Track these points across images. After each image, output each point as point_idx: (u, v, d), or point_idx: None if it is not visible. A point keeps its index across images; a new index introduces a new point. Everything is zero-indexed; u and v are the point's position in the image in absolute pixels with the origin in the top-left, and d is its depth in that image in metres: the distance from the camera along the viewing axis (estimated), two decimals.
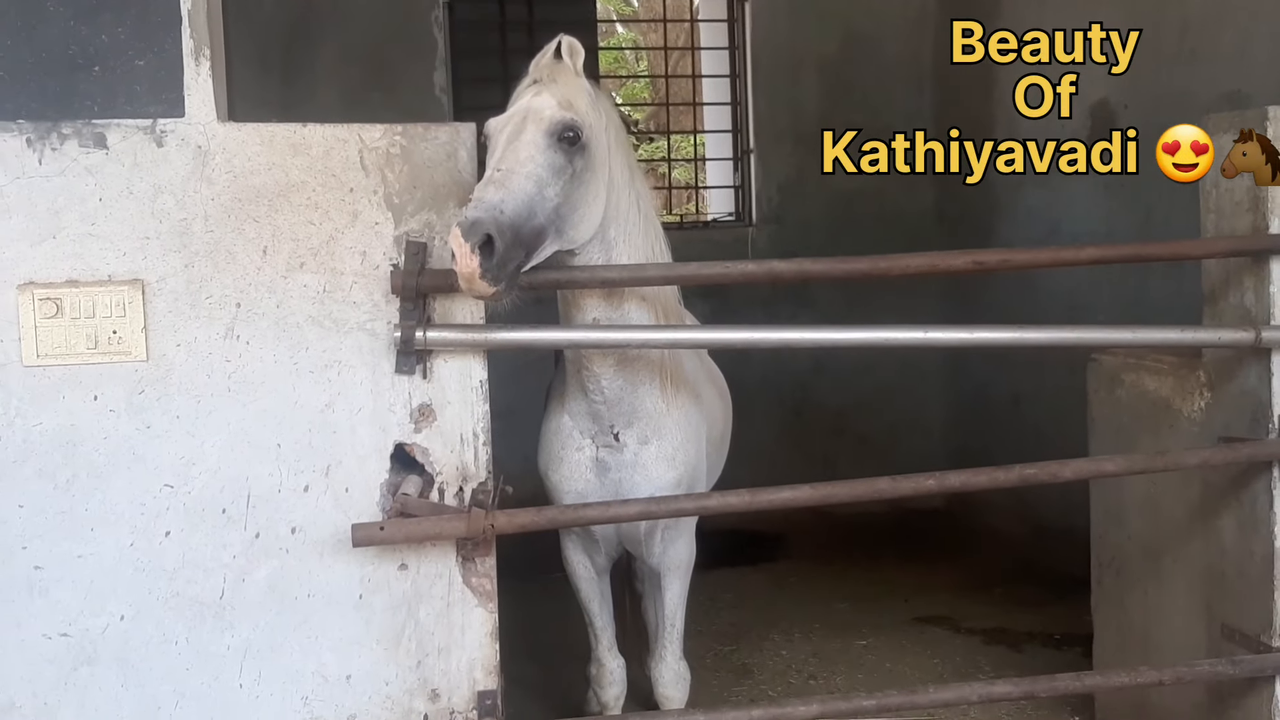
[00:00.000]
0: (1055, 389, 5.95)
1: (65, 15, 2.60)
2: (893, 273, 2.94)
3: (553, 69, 2.87)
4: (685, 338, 2.98)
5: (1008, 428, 6.70)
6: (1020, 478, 2.91)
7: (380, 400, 2.76)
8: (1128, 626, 3.74)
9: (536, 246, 2.64)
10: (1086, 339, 3.12)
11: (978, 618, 5.23)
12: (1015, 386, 6.55)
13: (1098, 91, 5.66)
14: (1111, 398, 3.78)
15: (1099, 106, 5.68)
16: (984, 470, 2.92)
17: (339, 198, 2.73)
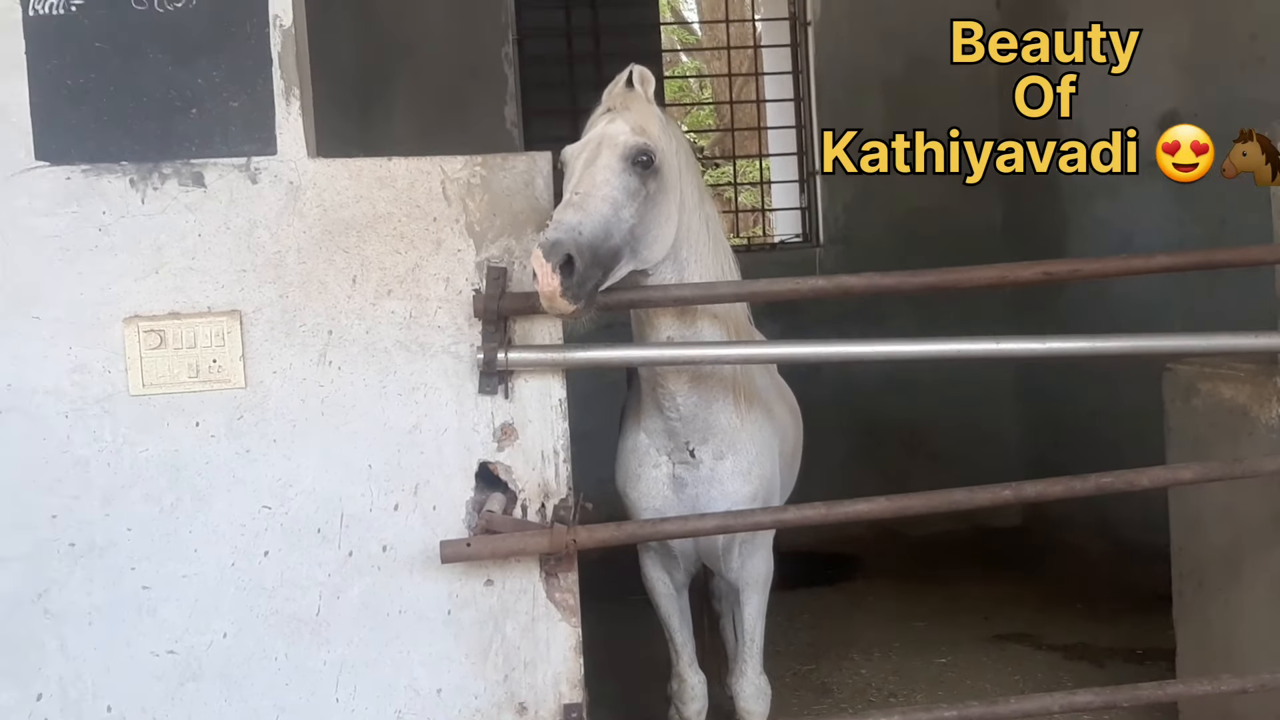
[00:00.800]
0: (1130, 402, 5.87)
1: (164, 61, 2.75)
2: (962, 284, 2.96)
3: (625, 97, 2.96)
4: (757, 353, 3.03)
5: (1083, 442, 6.62)
6: (1097, 487, 2.90)
7: (464, 420, 2.85)
8: (1210, 638, 3.68)
9: (613, 266, 2.72)
10: (1159, 347, 3.11)
11: (1058, 634, 5.18)
12: (1089, 400, 6.48)
13: (1167, 101, 5.62)
14: (1188, 407, 3.75)
15: (1168, 117, 5.63)
16: (1060, 480, 2.92)
17: (423, 227, 2.83)
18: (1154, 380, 4.00)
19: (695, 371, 3.06)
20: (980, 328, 7.03)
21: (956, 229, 7.35)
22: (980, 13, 7.31)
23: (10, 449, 2.73)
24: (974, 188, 7.27)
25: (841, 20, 7.24)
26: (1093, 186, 6.38)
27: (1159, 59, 5.68)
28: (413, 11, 6.87)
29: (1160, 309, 5.66)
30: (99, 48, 2.74)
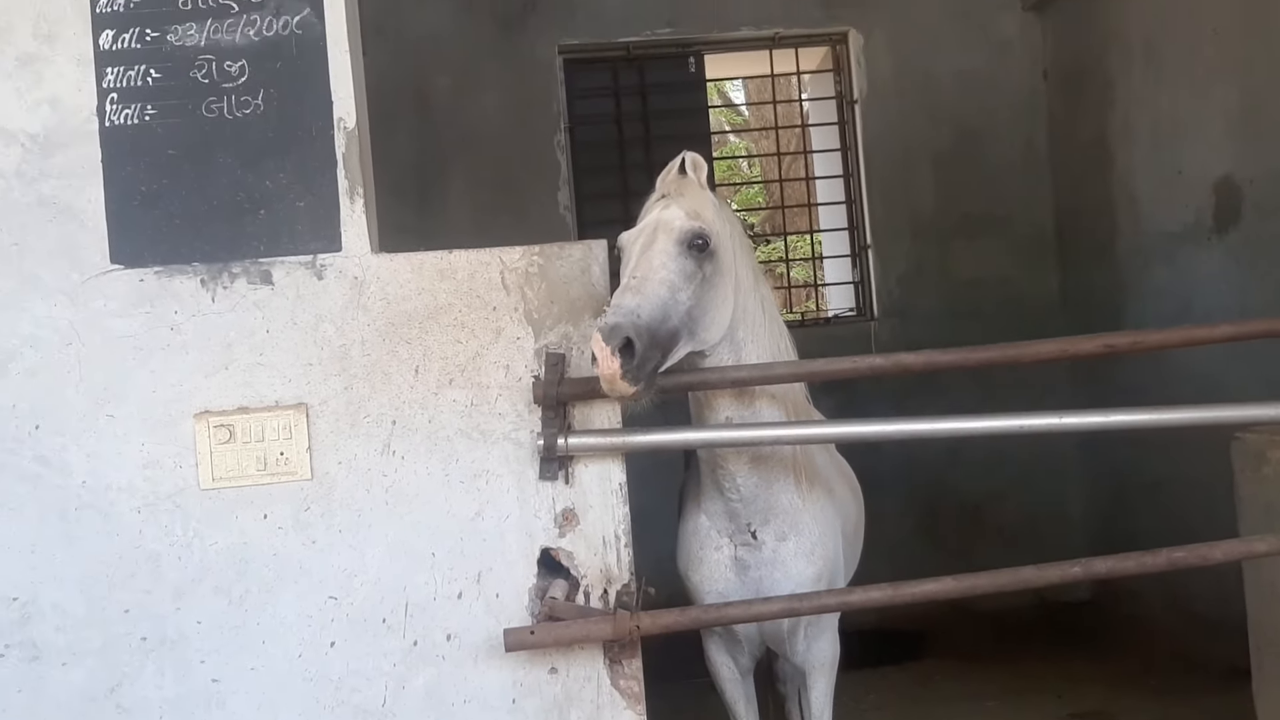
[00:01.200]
0: (1196, 471, 5.75)
1: (233, 165, 2.84)
2: (1023, 360, 2.94)
3: (679, 183, 3.01)
4: (817, 433, 3.03)
5: (1150, 513, 6.48)
6: (1169, 562, 2.83)
7: (526, 507, 2.87)
8: None
9: (671, 347, 2.74)
10: (1228, 418, 3.05)
11: (1135, 712, 5.03)
12: (1155, 470, 6.35)
13: (1220, 167, 5.59)
14: (1258, 475, 3.66)
15: (1222, 182, 5.60)
16: (1131, 555, 2.86)
17: (483, 316, 2.88)
18: (1219, 448, 3.91)
19: (755, 452, 3.06)
20: (1039, 395, 7.03)
21: (1013, 299, 7.32)
22: (1028, 85, 7.41)
23: (85, 545, 2.78)
24: (1030, 256, 7.34)
25: (889, 97, 7.32)
26: (1149, 252, 6.34)
27: (1211, 124, 5.67)
28: (468, 103, 7.06)
29: (1222, 374, 5.55)
30: (171, 154, 2.84)
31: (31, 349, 2.80)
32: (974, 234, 7.34)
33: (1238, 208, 5.50)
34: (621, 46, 7.23)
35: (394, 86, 6.98)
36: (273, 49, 2.87)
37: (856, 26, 7.32)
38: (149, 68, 2.86)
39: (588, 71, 7.31)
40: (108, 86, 2.85)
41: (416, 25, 7.04)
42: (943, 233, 7.33)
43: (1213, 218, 5.71)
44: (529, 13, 7.12)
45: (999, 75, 7.38)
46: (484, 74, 7.09)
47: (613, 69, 7.32)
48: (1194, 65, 5.80)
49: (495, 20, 7.11)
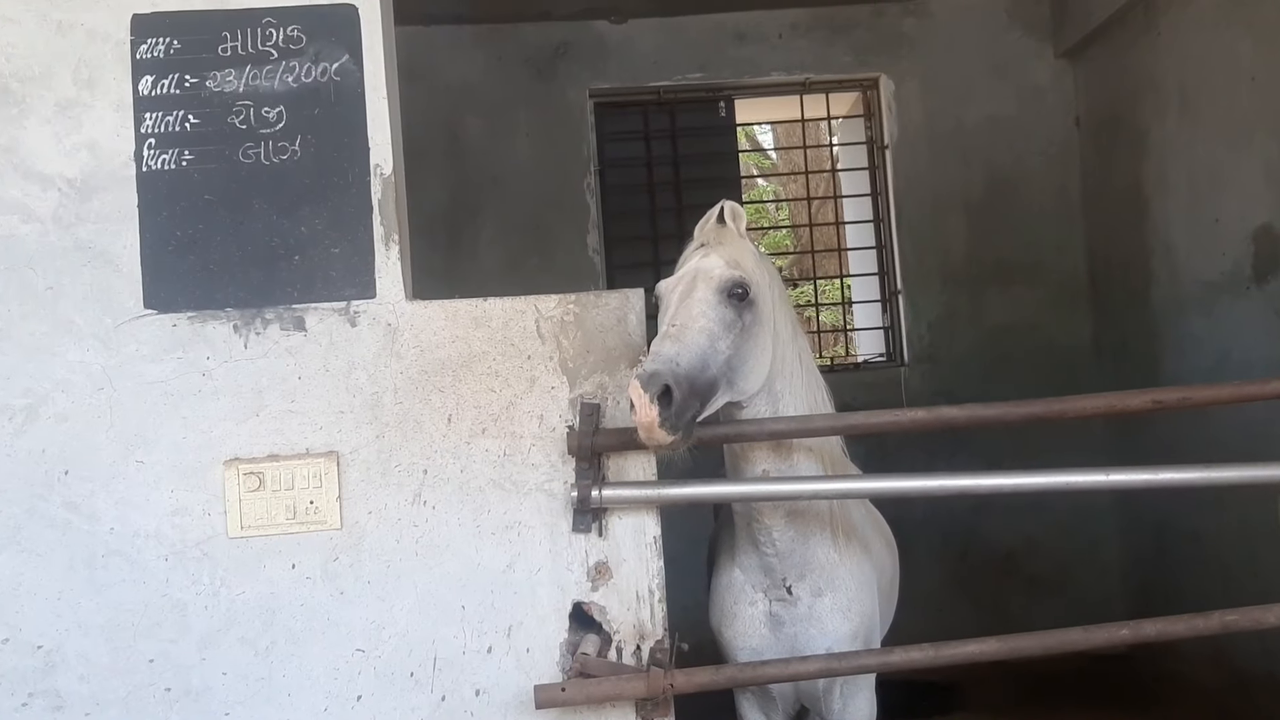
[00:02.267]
0: (1239, 523, 5.63)
1: (269, 211, 2.83)
2: (1068, 415, 2.87)
3: (718, 232, 2.97)
4: (855, 487, 2.96)
5: (1191, 565, 6.34)
6: (1222, 625, 2.74)
7: (558, 560, 2.81)
8: None
9: (710, 397, 2.68)
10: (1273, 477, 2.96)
11: None
12: (1195, 522, 6.21)
13: (1259, 216, 5.50)
14: None
15: (1261, 232, 5.51)
16: (1181, 618, 2.77)
17: (517, 365, 2.84)
18: (1262, 501, 3.81)
19: (791, 506, 2.99)
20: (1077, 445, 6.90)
21: (1046, 346, 7.22)
22: (1061, 132, 7.35)
23: (111, 593, 2.75)
24: (1063, 304, 7.25)
25: (919, 142, 7.28)
26: (1185, 301, 6.24)
27: (1250, 173, 5.58)
28: (499, 147, 7.07)
29: (1268, 423, 5.44)
30: (207, 200, 2.83)
31: (63, 394, 2.77)
32: (1006, 281, 7.26)
33: (1277, 256, 5.40)
34: (652, 91, 7.22)
35: (426, 130, 7.01)
36: (311, 95, 2.86)
37: (888, 73, 7.29)
38: (187, 113, 2.85)
39: (618, 115, 7.31)
40: (146, 132, 2.84)
41: (449, 70, 7.07)
42: (974, 279, 7.25)
43: (1251, 267, 5.62)
44: (561, 58, 7.14)
45: (1031, 122, 7.32)
46: (515, 118, 7.10)
47: (643, 113, 7.31)
48: (1231, 113, 5.73)
49: (527, 65, 7.13)
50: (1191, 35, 6.07)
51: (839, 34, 7.28)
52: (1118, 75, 6.87)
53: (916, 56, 7.30)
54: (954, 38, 7.30)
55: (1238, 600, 5.73)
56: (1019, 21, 7.36)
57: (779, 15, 7.23)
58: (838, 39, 7.28)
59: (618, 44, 7.17)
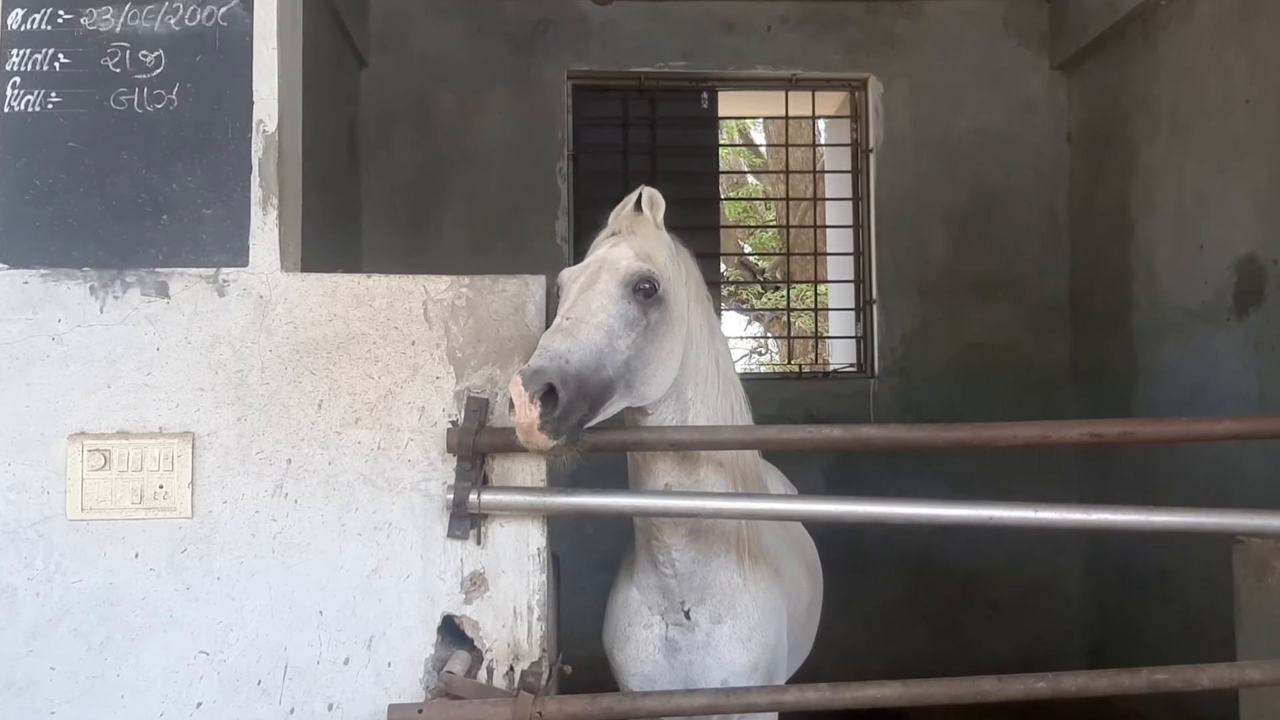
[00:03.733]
0: (1205, 564, 5.37)
1: (138, 164, 2.55)
2: (998, 443, 2.60)
3: (632, 221, 2.70)
4: (763, 508, 2.68)
5: (1155, 602, 6.08)
6: (1149, 684, 2.47)
7: (430, 567, 2.53)
8: None
9: (603, 401, 2.41)
10: (1228, 525, 2.68)
11: None
12: (1161, 559, 5.94)
13: (1244, 244, 5.23)
14: (1262, 586, 3.28)
15: (1245, 261, 5.23)
16: (1106, 673, 2.49)
17: (400, 351, 2.56)
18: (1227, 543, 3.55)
19: (694, 524, 2.72)
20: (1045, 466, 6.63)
21: (1021, 365, 6.96)
22: (1051, 146, 7.07)
23: None
24: (1042, 323, 6.98)
25: (905, 149, 6.99)
26: (1165, 329, 5.97)
27: (1238, 199, 5.31)
28: (471, 123, 6.79)
29: (1237, 461, 5.17)
30: (72, 147, 2.55)
31: None
32: (985, 296, 6.98)
33: (1260, 289, 5.13)
34: (633, 76, 6.94)
35: (396, 102, 6.75)
36: (194, 40, 2.58)
37: (877, 74, 7.01)
38: (58, 52, 2.58)
39: (597, 99, 7.03)
40: (11, 69, 2.57)
41: (424, 41, 6.79)
42: (952, 292, 6.97)
43: (1233, 297, 5.35)
44: (541, 35, 6.86)
45: (1021, 134, 7.05)
46: (490, 94, 6.82)
47: (623, 99, 7.03)
48: (1223, 136, 5.45)
49: (506, 40, 6.85)
50: (1189, 53, 5.80)
51: (829, 30, 6.99)
52: (1112, 91, 6.59)
53: (908, 59, 7.03)
54: (948, 42, 7.03)
55: (1200, 642, 5.49)
56: (1015, 30, 7.08)
57: (769, 7, 6.94)
58: (828, 35, 6.99)
59: (601, 25, 6.88)
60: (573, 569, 3.15)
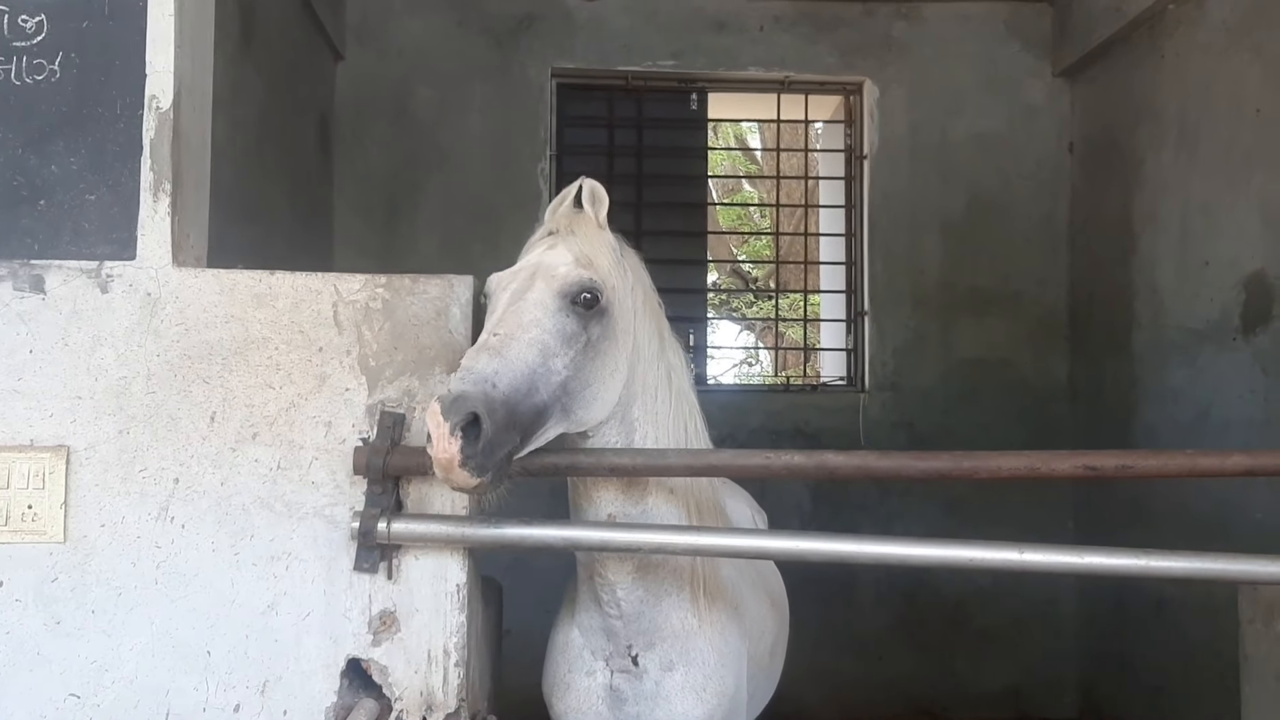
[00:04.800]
0: (1206, 597, 5.04)
1: (14, 141, 2.25)
2: (979, 475, 2.28)
3: (572, 219, 2.39)
4: (716, 544, 2.36)
5: (1151, 634, 5.74)
6: None
7: (334, 604, 2.22)
8: None
9: (536, 430, 2.10)
10: (1238, 573, 2.37)
11: None
12: (1160, 589, 5.62)
13: (1252, 261, 4.91)
14: (1269, 632, 2.96)
15: (1254, 279, 4.91)
16: None
17: (305, 358, 2.25)
18: None
19: (643, 559, 2.40)
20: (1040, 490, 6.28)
21: (1017, 383, 6.65)
22: (1052, 156, 6.76)
23: None
24: (1040, 339, 6.66)
25: (900, 156, 6.68)
26: (1168, 348, 5.65)
27: (1247, 214, 5.00)
28: (449, 120, 6.49)
29: (1240, 493, 4.85)
30: None
31: None
32: (980, 309, 6.66)
33: (1268, 308, 4.81)
34: (620, 75, 6.63)
35: (372, 97, 6.46)
36: (81, 5, 2.28)
37: (873, 78, 6.70)
38: None
39: (581, 98, 6.72)
40: None
41: (402, 33, 6.49)
42: (947, 305, 6.65)
43: (1240, 317, 5.03)
44: (524, 31, 6.56)
45: (1021, 142, 6.73)
46: (470, 91, 6.51)
47: (608, 99, 6.72)
48: (1232, 147, 5.14)
49: (488, 35, 6.54)
50: (1197, 60, 5.49)
51: (824, 31, 6.68)
52: (1117, 99, 6.28)
53: (905, 63, 6.71)
54: (947, 46, 6.71)
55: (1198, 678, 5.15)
56: (1017, 35, 6.77)
57: (761, 6, 6.64)
58: (822, 37, 6.68)
59: (586, 21, 6.58)
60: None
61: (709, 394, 6.92)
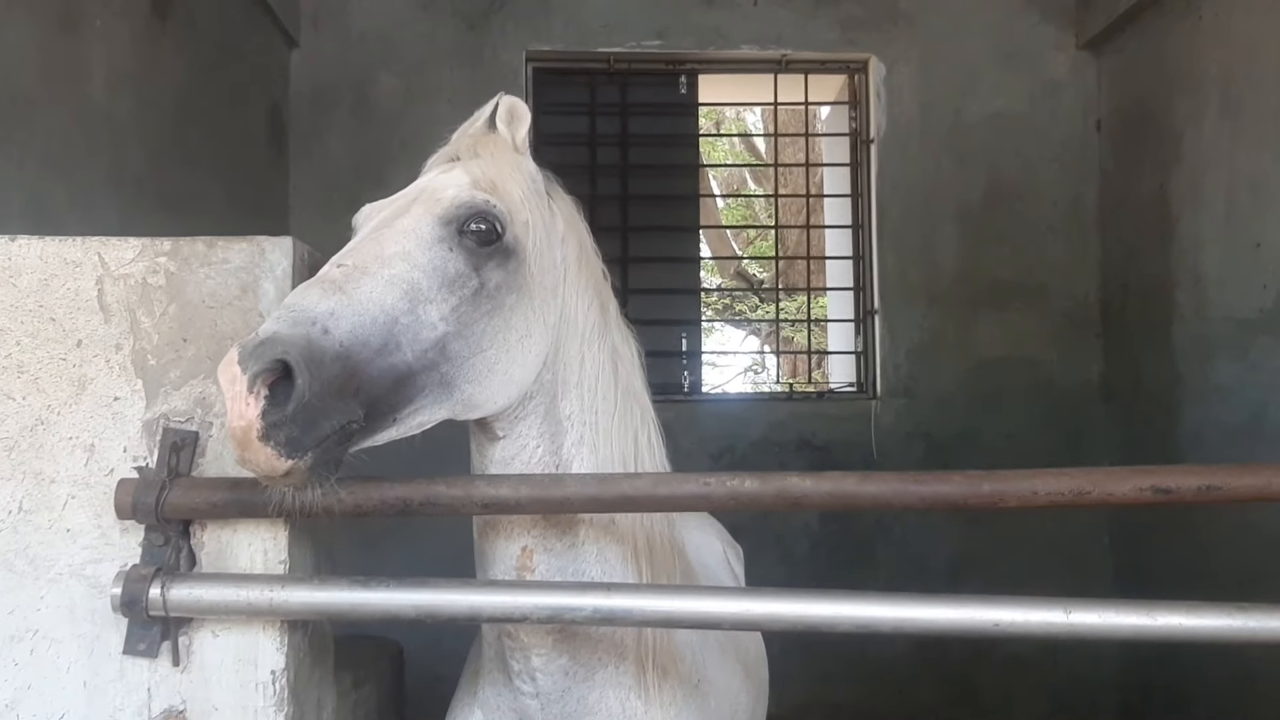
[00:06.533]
0: None
1: None
2: (1005, 504, 1.59)
3: (479, 141, 1.74)
4: (671, 609, 1.62)
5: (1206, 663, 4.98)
6: None
7: (99, 702, 1.55)
8: None
9: (399, 404, 1.46)
10: None
11: None
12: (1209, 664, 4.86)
13: None
14: None
15: None
16: None
17: (58, 356, 1.59)
18: None
19: None
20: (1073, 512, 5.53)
21: (1044, 384, 5.94)
22: (1077, 134, 6.04)
23: None
24: (1068, 336, 5.95)
25: (911, 138, 5.98)
26: (1215, 342, 4.93)
27: None
28: (416, 109, 5.84)
29: None
30: None
31: None
32: (1002, 304, 5.95)
33: None
34: (601, 58, 5.98)
35: (330, 86, 5.84)
36: None
37: (879, 54, 6.00)
38: None
39: (560, 84, 6.07)
40: None
41: (363, 17, 5.87)
42: (965, 301, 5.94)
43: None
44: (496, 11, 5.91)
45: (1043, 120, 6.02)
46: (438, 78, 5.87)
47: (590, 83, 6.07)
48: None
49: (456, 17, 5.90)
50: (1239, 21, 4.79)
51: (824, 5, 6.00)
52: (1149, 69, 5.57)
53: (914, 37, 6.01)
54: (959, 18, 6.02)
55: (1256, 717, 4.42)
56: (1036, 4, 6.07)
57: None
58: (822, 11, 6.00)
59: (564, 0, 5.93)
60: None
61: (703, 403, 6.25)
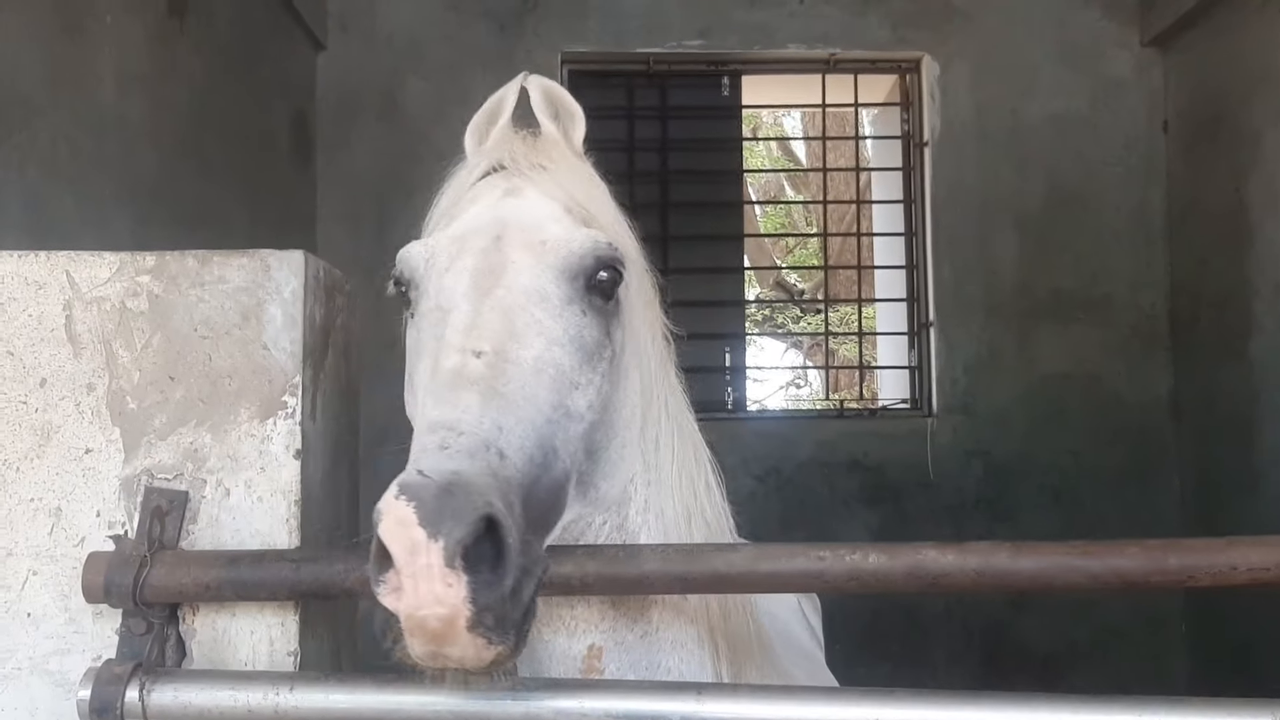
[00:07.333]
0: None
1: None
2: (1197, 581, 1.26)
3: (532, 146, 1.42)
4: (750, 718, 1.30)
5: None
6: None
7: None
8: None
9: (548, 530, 1.16)
10: None
11: None
12: None
13: None
14: None
15: None
16: None
17: (17, 398, 1.29)
18: None
19: None
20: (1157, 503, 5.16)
21: (1110, 401, 5.61)
22: (1144, 136, 5.69)
23: None
24: (1135, 349, 5.59)
25: (967, 142, 5.65)
26: None
27: None
28: (447, 115, 5.44)
29: None
30: None
31: None
32: (1065, 316, 5.61)
33: None
34: (640, 59, 5.69)
35: (358, 91, 5.58)
36: None
37: (932, 53, 5.69)
38: None
39: (597, 87, 5.77)
40: None
41: (391, 20, 5.61)
42: (1025, 312, 5.61)
43: None
44: (530, 12, 5.63)
45: (1106, 123, 5.69)
46: (469, 82, 5.55)
47: (628, 86, 5.79)
48: None
49: (488, 18, 5.63)
50: None
51: (873, 2, 5.69)
52: (1222, 66, 5.23)
53: (969, 35, 5.70)
54: (1017, 15, 5.72)
55: None
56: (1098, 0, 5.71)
57: None
58: (871, 8, 5.69)
59: None
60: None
61: (748, 421, 5.94)
